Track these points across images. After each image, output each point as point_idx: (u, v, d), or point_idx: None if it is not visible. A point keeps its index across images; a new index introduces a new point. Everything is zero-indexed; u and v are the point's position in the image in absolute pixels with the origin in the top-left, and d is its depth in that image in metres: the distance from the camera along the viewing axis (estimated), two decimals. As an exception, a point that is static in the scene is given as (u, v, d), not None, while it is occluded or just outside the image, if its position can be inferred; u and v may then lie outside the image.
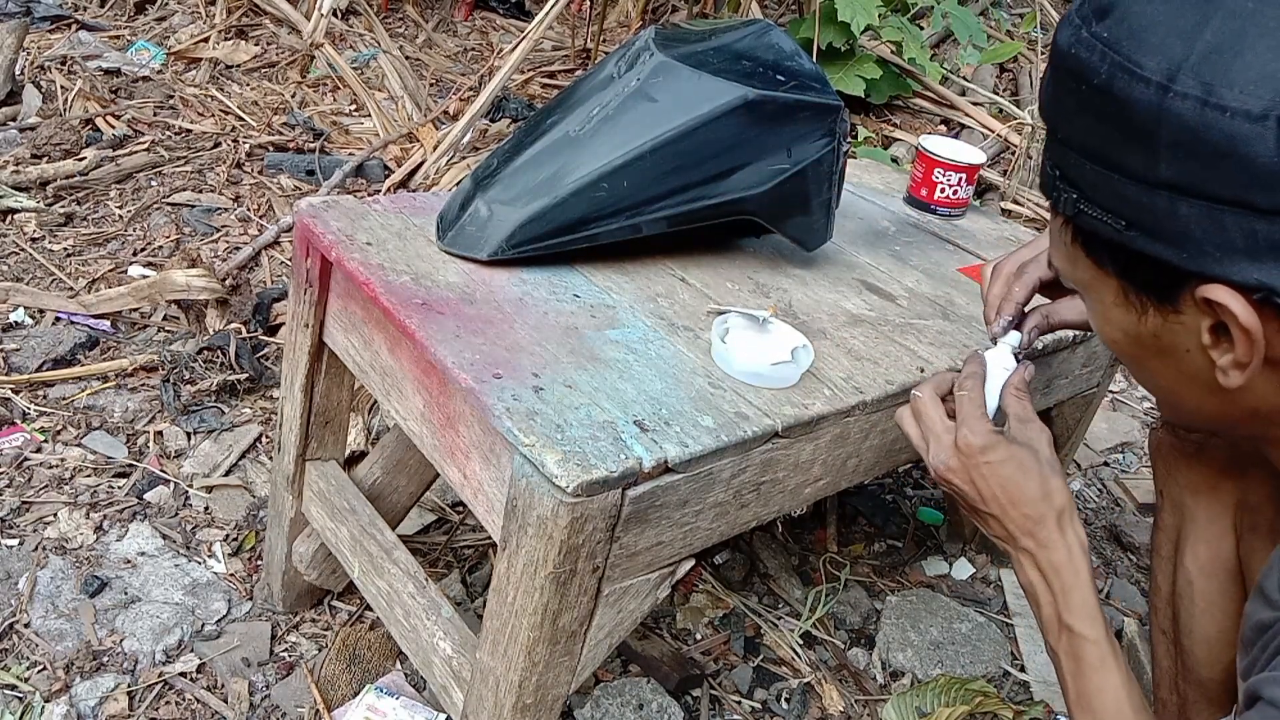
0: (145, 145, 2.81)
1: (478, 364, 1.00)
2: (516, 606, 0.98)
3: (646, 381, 1.04)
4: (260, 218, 2.63)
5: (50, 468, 1.76)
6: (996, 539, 1.01)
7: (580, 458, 0.90)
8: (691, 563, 1.07)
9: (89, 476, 1.76)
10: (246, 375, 1.99)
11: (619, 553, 0.97)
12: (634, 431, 0.95)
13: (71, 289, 2.25)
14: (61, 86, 3.07)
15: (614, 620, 1.04)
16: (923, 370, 1.20)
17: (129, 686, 1.41)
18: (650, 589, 1.05)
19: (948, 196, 1.72)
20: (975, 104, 3.80)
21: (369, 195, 2.73)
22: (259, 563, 1.64)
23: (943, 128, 3.71)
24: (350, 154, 2.96)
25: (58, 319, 2.14)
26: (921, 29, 3.79)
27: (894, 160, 3.34)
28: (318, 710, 1.40)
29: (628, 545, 0.98)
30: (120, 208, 2.56)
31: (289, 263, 2.40)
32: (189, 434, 1.90)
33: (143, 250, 2.42)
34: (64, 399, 1.93)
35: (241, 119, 3.11)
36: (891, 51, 3.68)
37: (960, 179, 1.71)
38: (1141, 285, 0.77)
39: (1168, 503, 1.22)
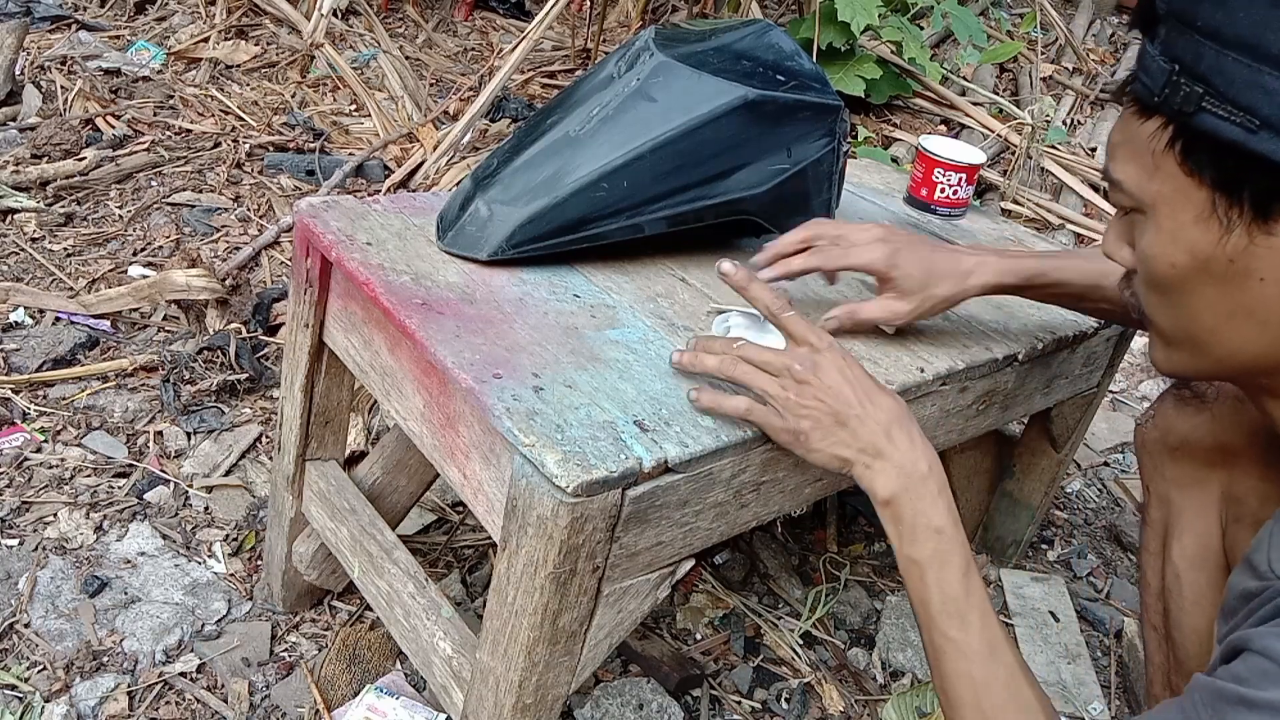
0: (145, 145, 2.81)
1: (478, 364, 1.00)
2: (516, 606, 0.98)
3: (647, 381, 1.04)
4: (260, 218, 2.63)
5: (50, 468, 1.76)
6: (859, 454, 0.98)
7: (580, 458, 0.90)
8: (691, 563, 1.07)
9: (89, 476, 1.76)
10: (246, 375, 1.99)
11: (619, 553, 0.97)
12: (634, 431, 0.95)
13: (71, 289, 2.25)
14: (61, 86, 3.07)
15: (614, 620, 1.04)
16: (922, 370, 1.20)
17: (129, 686, 1.41)
18: (650, 589, 1.05)
19: (948, 196, 1.72)
20: (975, 104, 3.80)
21: (369, 195, 2.73)
22: (259, 563, 1.64)
23: (943, 128, 3.71)
24: (350, 154, 2.96)
25: (58, 319, 2.14)
26: (921, 29, 3.79)
27: (894, 160, 3.34)
28: (318, 710, 1.40)
29: (628, 545, 0.98)
30: (120, 208, 2.56)
31: (289, 263, 2.41)
32: (189, 434, 1.90)
33: (143, 250, 2.42)
34: (64, 399, 1.93)
35: (241, 119, 3.11)
36: (891, 51, 3.68)
37: (960, 179, 1.71)
38: (1245, 196, 0.74)
39: (1154, 498, 1.23)
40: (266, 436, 1.92)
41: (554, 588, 0.94)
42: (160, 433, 1.88)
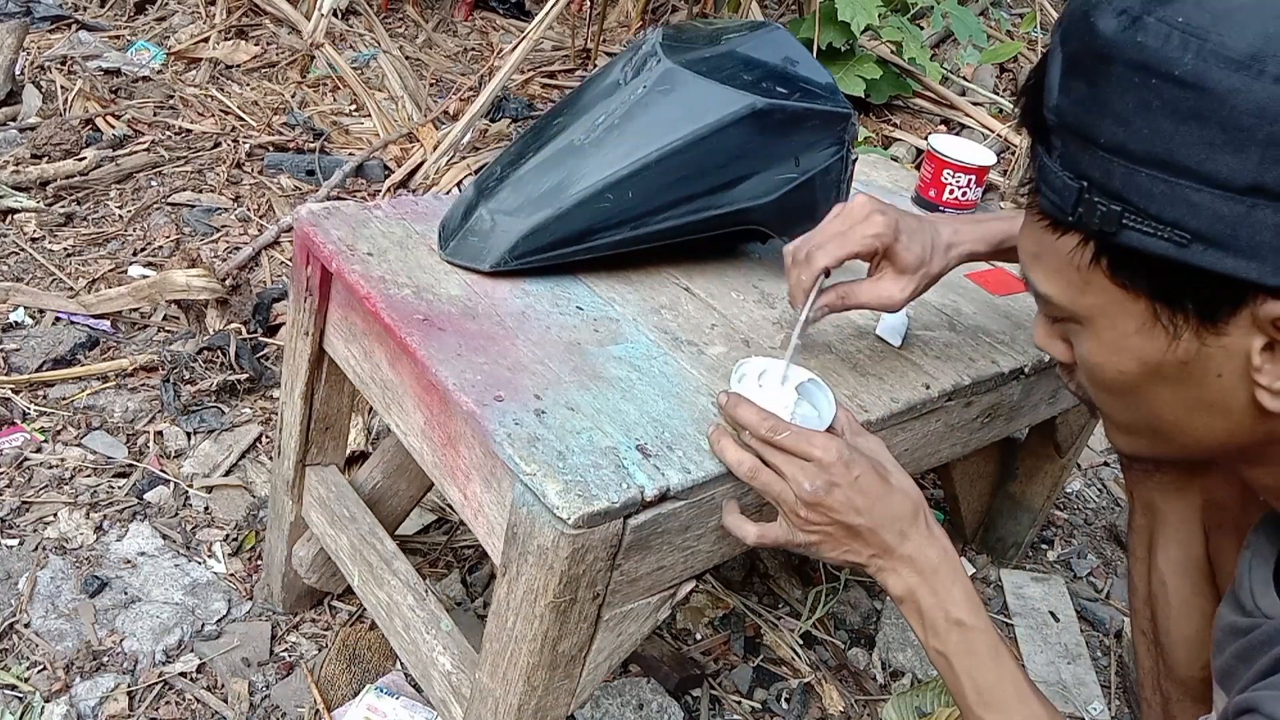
0: (145, 145, 2.80)
1: (479, 385, 0.99)
2: (516, 632, 0.97)
3: (649, 402, 1.03)
4: (260, 218, 2.63)
5: (50, 468, 1.76)
6: (871, 559, 0.95)
7: (582, 488, 0.89)
8: (693, 584, 1.07)
9: (89, 476, 1.76)
10: (246, 375, 2.00)
11: (620, 579, 0.97)
12: (636, 458, 0.94)
13: (71, 289, 2.24)
14: (61, 86, 3.06)
15: (614, 644, 1.03)
16: (927, 387, 1.19)
17: (129, 686, 1.41)
18: (651, 611, 1.04)
19: (956, 198, 1.70)
20: (975, 104, 3.80)
21: (369, 195, 2.73)
22: (259, 563, 1.64)
23: (943, 127, 3.71)
24: (350, 154, 2.96)
25: (58, 319, 2.14)
26: (921, 29, 3.79)
27: (894, 160, 3.35)
28: (318, 710, 1.41)
29: (628, 571, 0.97)
30: (120, 208, 2.56)
31: (289, 262, 2.41)
32: (189, 434, 1.90)
33: (143, 250, 2.42)
34: (64, 399, 1.93)
35: (241, 119, 3.10)
36: (891, 51, 3.68)
37: (970, 180, 1.68)
38: (1188, 305, 0.70)
39: (1139, 505, 1.22)
40: (266, 436, 1.92)
41: (554, 616, 0.94)
42: (160, 433, 1.88)
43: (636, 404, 1.03)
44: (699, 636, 1.65)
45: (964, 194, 1.71)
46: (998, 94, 4.02)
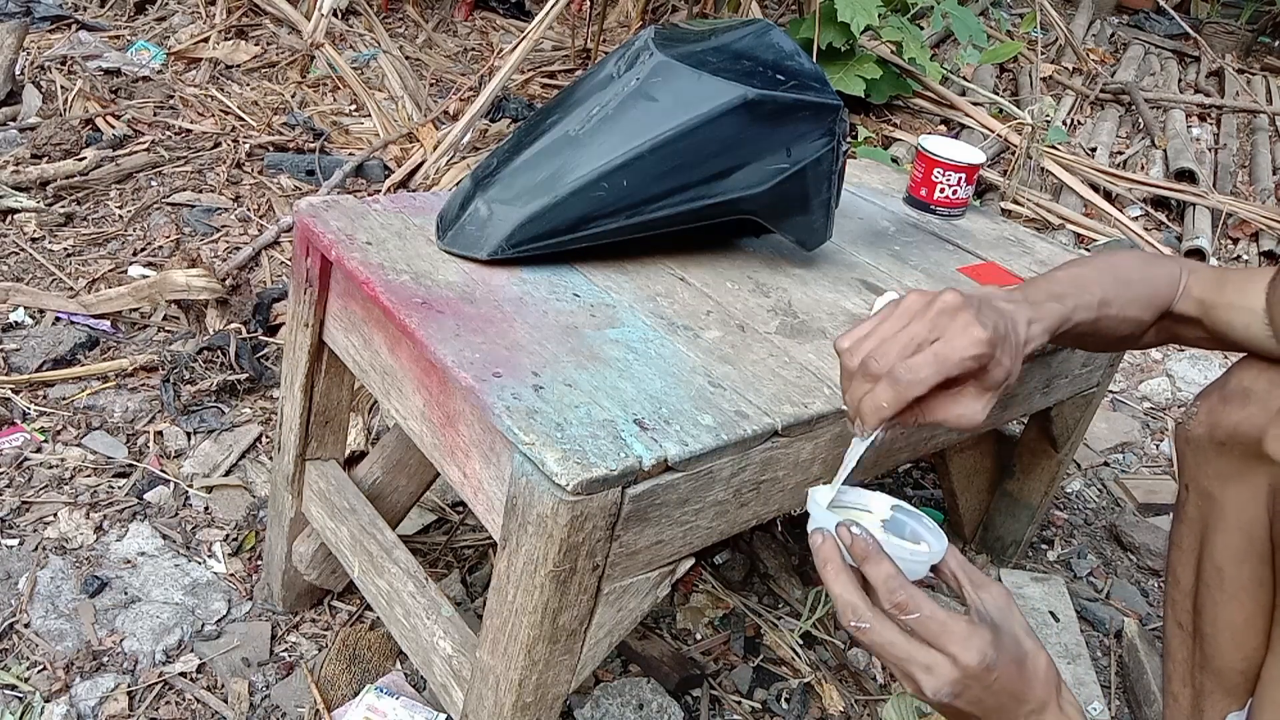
0: (145, 145, 2.81)
1: (478, 363, 1.00)
2: (516, 605, 0.98)
3: (646, 380, 1.04)
4: (260, 218, 2.63)
5: (50, 468, 1.76)
6: None
7: (580, 456, 0.90)
8: (691, 561, 1.07)
9: (89, 476, 1.76)
10: (246, 375, 2.00)
11: (619, 551, 0.97)
12: (634, 430, 0.95)
13: (71, 289, 2.25)
14: (61, 86, 3.07)
15: (614, 619, 1.04)
16: None
17: (129, 686, 1.40)
18: (650, 587, 1.05)
19: (947, 196, 1.72)
20: (975, 104, 3.80)
21: (369, 195, 2.73)
22: (259, 563, 1.64)
23: (943, 128, 3.72)
24: (350, 154, 2.97)
25: (58, 319, 2.14)
26: (921, 29, 3.79)
27: (894, 160, 3.35)
28: (318, 710, 1.40)
29: (628, 544, 0.98)
30: (120, 208, 2.56)
31: (289, 263, 2.41)
32: (189, 434, 1.90)
33: (143, 250, 2.42)
34: (64, 399, 1.93)
35: (241, 119, 3.11)
36: (891, 51, 3.68)
37: (960, 179, 1.71)
38: None
39: (1194, 495, 1.20)
40: (266, 436, 1.92)
41: (554, 586, 0.94)
42: (160, 433, 1.88)
43: (633, 382, 1.04)
44: (699, 636, 1.64)
45: (955, 192, 1.72)
46: (998, 94, 4.03)
